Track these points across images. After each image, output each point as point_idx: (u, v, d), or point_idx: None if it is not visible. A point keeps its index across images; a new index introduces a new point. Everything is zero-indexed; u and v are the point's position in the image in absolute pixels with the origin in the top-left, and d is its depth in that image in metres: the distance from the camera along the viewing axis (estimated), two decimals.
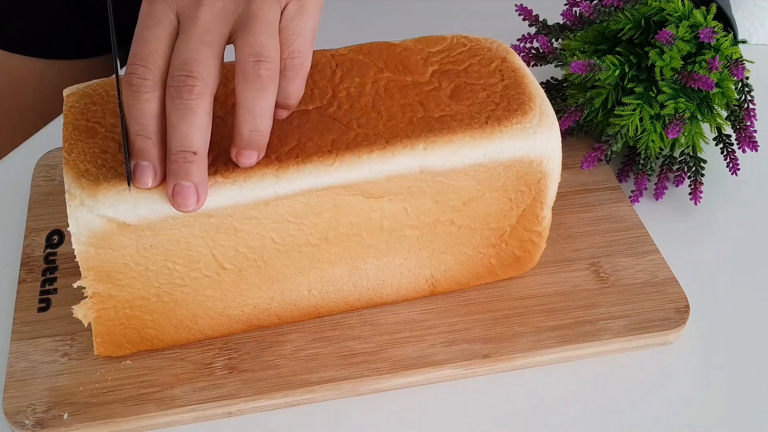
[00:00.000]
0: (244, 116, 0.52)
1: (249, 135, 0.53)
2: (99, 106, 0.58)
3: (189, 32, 0.52)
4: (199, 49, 0.51)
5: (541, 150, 0.59)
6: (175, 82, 0.51)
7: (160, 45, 0.52)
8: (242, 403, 0.59)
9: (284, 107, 0.55)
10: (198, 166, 0.51)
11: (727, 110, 0.72)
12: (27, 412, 0.57)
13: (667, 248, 0.68)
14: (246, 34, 0.52)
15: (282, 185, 0.55)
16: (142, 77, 0.51)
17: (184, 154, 0.51)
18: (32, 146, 0.79)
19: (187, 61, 0.51)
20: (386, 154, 0.56)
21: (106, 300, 0.57)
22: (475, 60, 0.62)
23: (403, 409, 0.60)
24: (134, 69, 0.52)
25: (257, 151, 0.53)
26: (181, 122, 0.51)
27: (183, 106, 0.51)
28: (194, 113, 0.51)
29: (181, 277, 0.57)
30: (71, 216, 0.53)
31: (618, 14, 0.72)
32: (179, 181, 0.51)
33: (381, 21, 0.61)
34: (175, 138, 0.51)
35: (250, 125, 0.52)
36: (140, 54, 0.52)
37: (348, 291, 0.63)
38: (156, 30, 0.52)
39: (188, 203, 0.52)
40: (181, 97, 0.51)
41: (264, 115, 0.52)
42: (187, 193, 0.52)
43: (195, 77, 0.51)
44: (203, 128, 0.51)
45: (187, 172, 0.51)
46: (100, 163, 0.54)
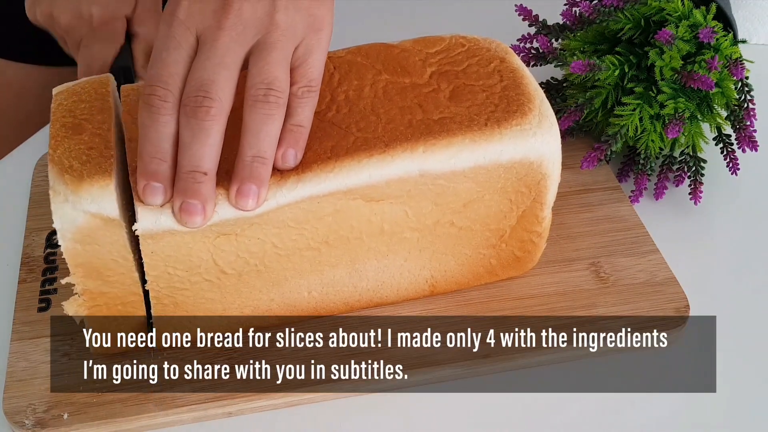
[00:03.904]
0: (247, 141, 0.53)
1: (251, 162, 0.53)
2: (87, 104, 0.58)
3: (208, 54, 0.53)
4: (218, 72, 0.52)
5: (541, 151, 0.59)
6: (192, 102, 0.51)
7: (180, 68, 0.53)
8: (242, 403, 0.59)
9: (297, 136, 0.55)
10: (207, 186, 0.52)
11: (727, 110, 0.72)
12: (27, 412, 0.57)
13: (667, 248, 0.68)
14: (260, 63, 0.53)
15: (283, 194, 0.54)
16: (163, 99, 0.52)
17: (194, 174, 0.52)
18: (32, 146, 0.80)
19: (205, 83, 0.52)
20: (386, 158, 0.56)
21: (98, 297, 0.57)
22: (473, 60, 0.62)
23: (403, 409, 0.60)
24: (154, 90, 0.52)
25: (258, 187, 0.53)
26: (194, 142, 0.51)
27: (197, 126, 0.51)
28: (208, 134, 0.51)
29: (181, 281, 0.57)
30: (55, 213, 0.53)
31: (618, 14, 0.72)
32: (187, 199, 0.52)
33: (379, 21, 0.61)
34: (186, 157, 0.52)
35: (254, 149, 0.53)
36: (161, 76, 0.52)
37: (348, 292, 0.63)
38: (176, 52, 0.53)
39: (195, 220, 0.53)
40: (197, 117, 0.51)
41: (268, 141, 0.53)
42: (194, 210, 0.52)
43: (212, 98, 0.51)
44: (215, 149, 0.52)
45: (196, 192, 0.52)
46: (84, 160, 0.54)
